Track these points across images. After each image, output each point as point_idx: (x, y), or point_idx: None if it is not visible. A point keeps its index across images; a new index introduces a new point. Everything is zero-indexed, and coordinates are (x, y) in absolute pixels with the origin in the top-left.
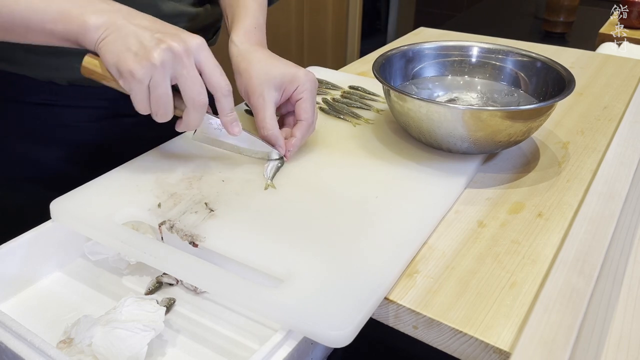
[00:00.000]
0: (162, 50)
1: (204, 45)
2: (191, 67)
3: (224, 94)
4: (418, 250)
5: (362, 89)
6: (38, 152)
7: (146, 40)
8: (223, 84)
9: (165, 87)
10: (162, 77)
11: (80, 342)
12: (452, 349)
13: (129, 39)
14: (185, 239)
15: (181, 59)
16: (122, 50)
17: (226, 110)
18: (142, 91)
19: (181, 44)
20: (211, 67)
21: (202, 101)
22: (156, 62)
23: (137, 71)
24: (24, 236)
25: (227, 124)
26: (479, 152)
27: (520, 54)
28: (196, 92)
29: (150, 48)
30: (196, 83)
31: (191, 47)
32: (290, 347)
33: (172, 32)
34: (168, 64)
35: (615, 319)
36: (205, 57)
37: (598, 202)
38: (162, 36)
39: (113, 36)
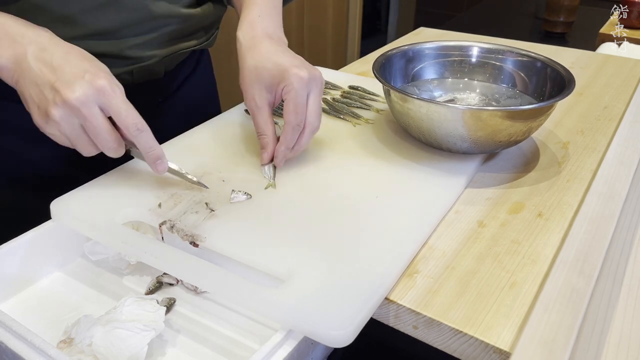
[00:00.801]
0: (58, 106)
1: (105, 88)
2: (91, 116)
3: (133, 134)
4: (418, 250)
5: (362, 88)
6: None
7: (46, 90)
8: (129, 124)
9: (76, 136)
10: (69, 129)
11: (81, 342)
12: (452, 349)
13: (31, 87)
14: (186, 239)
15: (78, 110)
16: (28, 100)
17: (145, 149)
18: (58, 138)
19: (77, 95)
20: (115, 110)
21: (111, 146)
22: (55, 118)
23: (43, 127)
24: (24, 236)
25: (149, 163)
26: (479, 151)
27: (520, 53)
28: (102, 140)
29: (49, 103)
30: (103, 131)
31: (88, 97)
32: (291, 346)
33: (73, 76)
34: (68, 118)
35: (615, 319)
36: (108, 102)
37: (598, 202)
38: (60, 85)
39: (21, 81)
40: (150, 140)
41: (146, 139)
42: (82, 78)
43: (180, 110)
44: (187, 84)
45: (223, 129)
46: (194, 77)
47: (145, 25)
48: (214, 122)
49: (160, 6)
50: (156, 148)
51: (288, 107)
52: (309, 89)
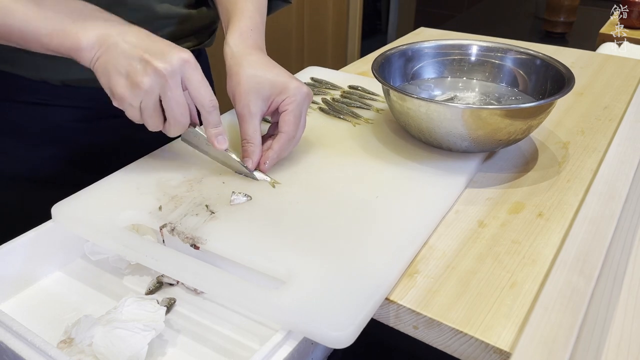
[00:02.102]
0: (149, 75)
1: (190, 61)
2: (175, 87)
3: (208, 110)
4: (418, 250)
5: (362, 88)
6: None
7: (135, 62)
8: (206, 101)
9: (153, 109)
10: (151, 100)
11: (81, 342)
12: (452, 349)
13: (120, 60)
14: (187, 242)
15: (166, 80)
16: (113, 73)
17: (211, 125)
18: (134, 111)
19: (167, 65)
20: (195, 83)
21: (182, 121)
22: (144, 87)
23: (127, 97)
24: (24, 236)
25: (211, 137)
26: (479, 150)
27: (520, 51)
28: (178, 113)
29: (138, 72)
30: (179, 104)
31: (175, 67)
32: (291, 347)
33: (160, 50)
34: (155, 88)
35: (615, 319)
36: (190, 74)
37: (598, 202)
38: (150, 57)
39: (105, 57)
40: (218, 118)
41: (216, 116)
42: (170, 51)
43: None
44: None
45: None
46: None
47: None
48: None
49: (163, 6)
50: (220, 126)
51: (288, 119)
52: (306, 104)
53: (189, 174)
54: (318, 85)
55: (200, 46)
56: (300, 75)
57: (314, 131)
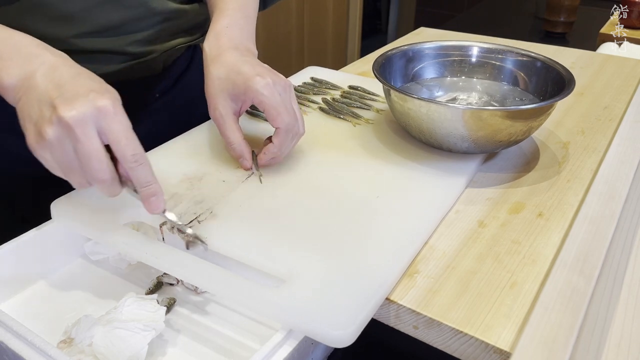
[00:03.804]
0: (53, 124)
1: (107, 108)
2: (85, 137)
3: (130, 165)
4: (419, 250)
5: (362, 88)
6: None
7: (44, 108)
8: (128, 155)
9: (67, 163)
10: (60, 153)
11: (81, 342)
12: (452, 349)
13: (33, 105)
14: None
15: (72, 131)
16: (26, 118)
17: (141, 183)
18: (48, 163)
19: (73, 112)
20: (114, 135)
21: (100, 177)
22: (47, 137)
23: (35, 148)
24: (24, 236)
25: (143, 199)
26: (479, 151)
27: (520, 53)
28: (91, 169)
29: (45, 120)
30: (92, 157)
31: (84, 115)
32: (291, 346)
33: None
34: (62, 139)
35: (615, 319)
36: (107, 124)
37: (598, 202)
38: (59, 102)
39: (23, 100)
40: (148, 175)
41: (144, 172)
42: (85, 96)
43: (176, 105)
44: (183, 80)
45: None
46: (189, 73)
47: (145, 22)
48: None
49: (158, 2)
50: (153, 183)
51: (270, 114)
52: (278, 92)
53: (189, 172)
54: (318, 85)
55: (197, 41)
56: (301, 75)
57: (314, 131)
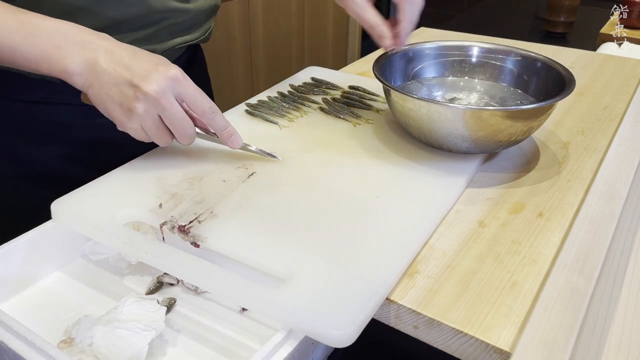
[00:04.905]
0: (140, 100)
1: (178, 76)
2: (170, 105)
3: (210, 117)
4: (419, 250)
5: (362, 89)
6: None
7: (125, 88)
8: (206, 108)
9: (156, 128)
10: (150, 121)
11: (81, 342)
12: (452, 349)
13: (110, 88)
14: (187, 239)
15: (159, 101)
16: (107, 101)
17: (220, 128)
18: (138, 132)
19: (155, 86)
20: (190, 96)
21: (187, 132)
22: (138, 112)
23: (125, 122)
24: (24, 236)
25: (224, 140)
26: (479, 151)
27: (520, 53)
28: (180, 127)
29: (130, 98)
30: (179, 119)
31: (164, 87)
32: (291, 346)
33: (146, 71)
34: (150, 110)
35: (615, 319)
36: (182, 89)
37: (599, 202)
38: (139, 81)
39: (96, 85)
40: (223, 121)
41: (220, 119)
42: (156, 71)
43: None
44: None
45: None
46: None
47: (144, 20)
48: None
49: (158, 1)
50: (229, 126)
51: None
52: None
53: (190, 172)
54: (318, 85)
55: (197, 41)
56: (301, 75)
57: (314, 131)
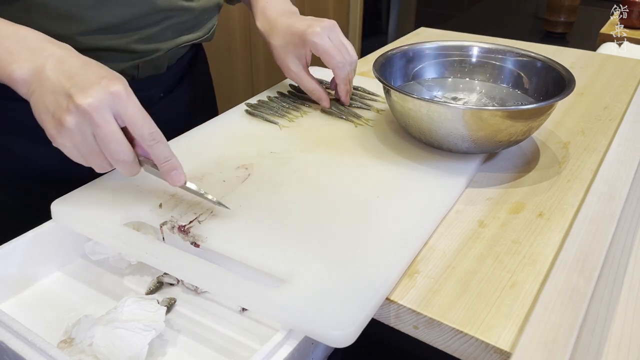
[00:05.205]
0: (71, 112)
1: (120, 92)
2: (104, 122)
3: (149, 143)
4: (419, 250)
5: (362, 89)
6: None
7: (60, 97)
8: (145, 133)
9: (88, 148)
10: (81, 139)
11: (81, 341)
12: (452, 349)
13: (48, 96)
14: (187, 239)
15: (91, 117)
16: (42, 110)
17: (160, 159)
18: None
19: (90, 99)
20: (130, 117)
21: (122, 159)
22: (68, 125)
23: (55, 136)
24: (24, 236)
25: (164, 174)
26: (479, 151)
27: (520, 53)
28: (113, 150)
29: (63, 110)
30: (112, 140)
31: (100, 101)
32: (291, 346)
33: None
34: (82, 125)
35: (615, 319)
36: (124, 107)
37: (599, 202)
38: (75, 91)
39: (36, 93)
40: (166, 151)
41: (162, 149)
42: (98, 84)
43: (179, 105)
44: (186, 79)
45: (223, 129)
46: (193, 72)
47: (150, 19)
48: (214, 122)
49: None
50: (172, 158)
51: (324, 57)
52: (328, 35)
53: (190, 172)
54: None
55: (201, 40)
56: None
57: (315, 131)
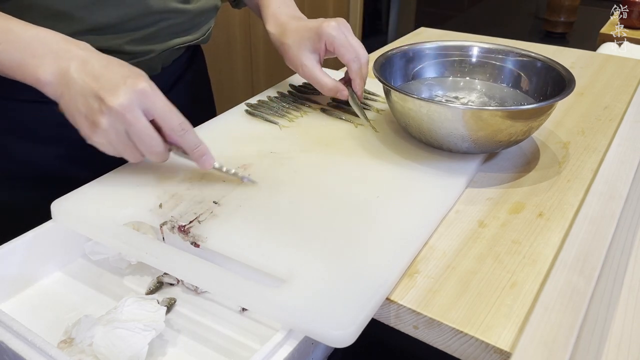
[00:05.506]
0: (105, 114)
1: (146, 90)
2: (136, 121)
3: (179, 134)
4: (419, 250)
5: None
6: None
7: (91, 100)
8: (175, 125)
9: (123, 143)
10: (116, 136)
11: (81, 341)
12: (452, 349)
13: (78, 99)
14: (187, 239)
15: (124, 116)
16: (75, 112)
17: (191, 147)
18: (105, 147)
19: (121, 100)
20: (158, 111)
21: (155, 150)
22: (103, 126)
23: (91, 136)
24: (24, 236)
25: (195, 160)
26: (479, 151)
27: (520, 53)
28: (147, 144)
29: (95, 112)
30: (146, 135)
31: (130, 101)
32: (291, 346)
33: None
34: (116, 124)
35: (615, 319)
36: (151, 104)
37: (599, 202)
38: (104, 93)
39: (66, 96)
40: (195, 138)
41: (192, 137)
42: (124, 84)
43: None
44: (183, 81)
45: (223, 129)
46: (189, 74)
47: (143, 20)
48: (214, 122)
49: (158, 1)
50: (201, 145)
51: (341, 51)
52: (343, 31)
53: (190, 172)
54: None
55: (196, 42)
56: None
57: (315, 131)
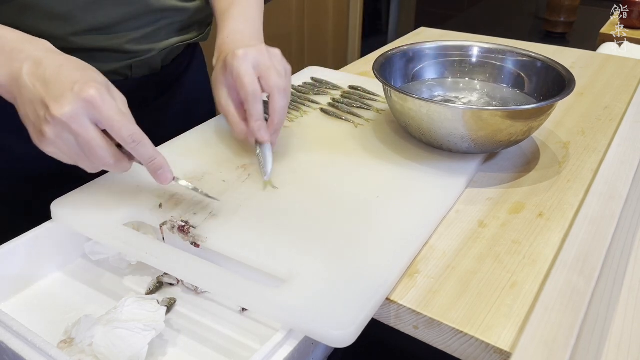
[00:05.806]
0: (49, 123)
1: (94, 98)
2: (83, 130)
3: (131, 146)
4: (419, 250)
5: (362, 89)
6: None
7: (38, 107)
8: (125, 136)
9: (75, 154)
10: (66, 147)
11: (81, 341)
12: (452, 349)
13: (27, 105)
14: (187, 239)
15: (69, 126)
16: (25, 118)
17: (145, 160)
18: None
19: (65, 109)
20: (106, 122)
21: (105, 162)
22: (49, 136)
23: (41, 145)
24: (24, 236)
25: (152, 174)
26: (479, 151)
27: (520, 53)
28: (97, 156)
29: (41, 120)
30: (94, 146)
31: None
32: (292, 346)
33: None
34: (62, 134)
35: (615, 319)
36: (99, 113)
37: (599, 202)
38: (49, 101)
39: (19, 100)
40: (149, 151)
41: (144, 149)
42: (71, 90)
43: (176, 104)
44: (183, 79)
45: (223, 129)
46: (189, 72)
47: (143, 19)
48: (213, 122)
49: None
50: (157, 157)
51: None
52: (248, 60)
53: (189, 172)
54: (318, 85)
55: (196, 39)
56: (301, 75)
57: (315, 131)
